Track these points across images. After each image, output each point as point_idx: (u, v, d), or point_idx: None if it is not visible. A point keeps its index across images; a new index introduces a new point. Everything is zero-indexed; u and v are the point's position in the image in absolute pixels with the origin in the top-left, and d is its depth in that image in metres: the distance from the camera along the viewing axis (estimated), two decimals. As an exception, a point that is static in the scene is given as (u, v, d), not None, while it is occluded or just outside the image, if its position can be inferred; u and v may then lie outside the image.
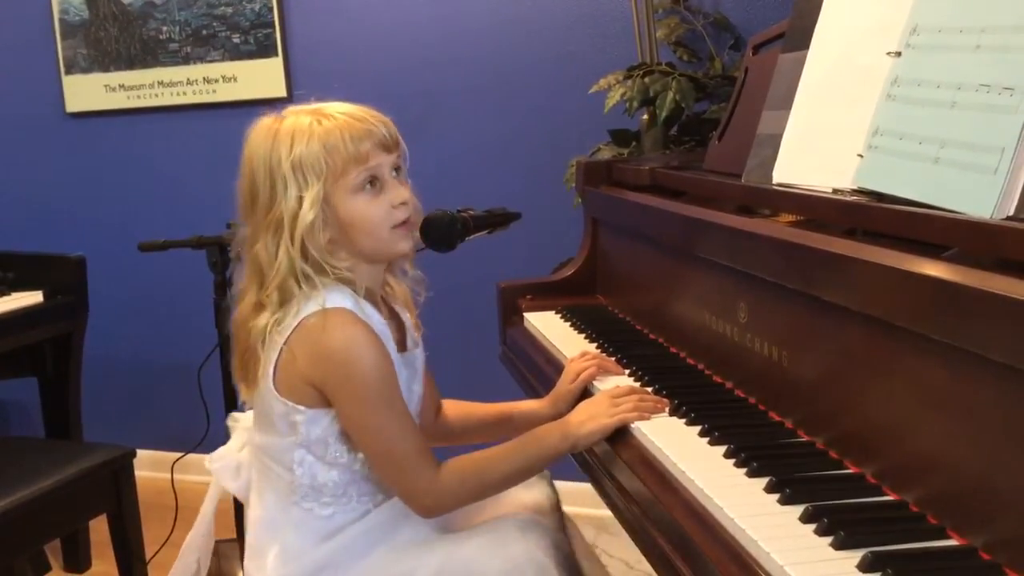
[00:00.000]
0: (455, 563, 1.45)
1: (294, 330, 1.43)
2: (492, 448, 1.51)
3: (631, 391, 1.52)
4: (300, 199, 1.42)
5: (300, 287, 1.44)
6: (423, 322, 1.64)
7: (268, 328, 1.45)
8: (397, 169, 1.50)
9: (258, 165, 1.45)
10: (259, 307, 1.46)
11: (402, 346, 1.55)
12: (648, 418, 1.45)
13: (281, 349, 1.44)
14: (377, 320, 1.48)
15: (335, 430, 1.46)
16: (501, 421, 1.73)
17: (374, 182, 1.47)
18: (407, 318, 1.60)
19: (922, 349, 1.07)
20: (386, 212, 1.47)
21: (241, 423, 1.64)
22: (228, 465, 1.62)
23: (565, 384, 1.68)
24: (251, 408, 1.56)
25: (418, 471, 1.45)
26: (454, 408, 1.75)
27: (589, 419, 1.48)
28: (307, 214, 1.42)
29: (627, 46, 2.78)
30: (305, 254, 1.44)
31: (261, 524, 1.52)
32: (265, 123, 1.49)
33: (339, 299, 1.44)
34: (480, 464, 1.49)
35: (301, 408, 1.45)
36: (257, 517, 1.54)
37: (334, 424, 1.46)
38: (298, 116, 1.47)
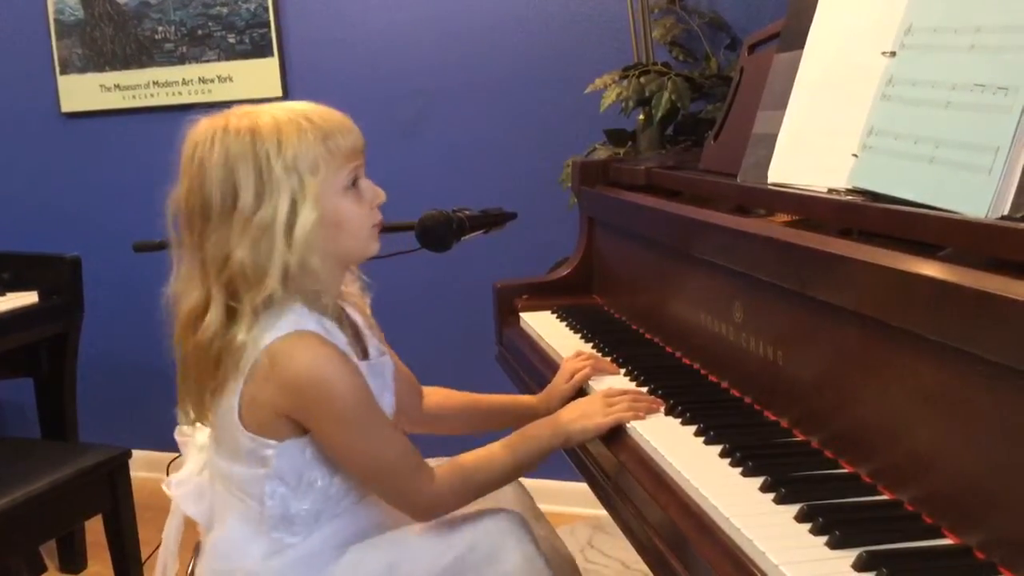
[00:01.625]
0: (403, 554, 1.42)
1: (256, 361, 1.34)
2: (483, 448, 1.49)
3: (626, 392, 1.52)
4: (294, 200, 1.34)
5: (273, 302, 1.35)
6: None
7: (246, 345, 1.34)
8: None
9: (237, 165, 1.36)
10: (231, 319, 1.35)
11: (364, 353, 1.49)
12: (643, 418, 1.45)
13: (244, 381, 1.35)
14: (340, 338, 1.41)
15: (307, 458, 1.39)
16: (492, 412, 1.72)
17: (355, 182, 1.41)
18: (361, 321, 1.53)
19: (917, 349, 1.07)
20: (368, 212, 1.43)
21: (194, 439, 1.55)
22: (190, 491, 1.52)
23: (560, 384, 1.68)
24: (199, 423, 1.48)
25: (410, 479, 1.41)
26: (437, 396, 1.71)
27: (582, 416, 1.47)
28: (310, 214, 1.34)
29: (623, 46, 2.79)
30: (304, 258, 1.35)
31: (223, 550, 1.45)
32: (230, 123, 1.39)
33: (301, 321, 1.36)
34: (472, 465, 1.46)
35: (271, 443, 1.37)
36: (219, 542, 1.46)
37: (305, 452, 1.39)
38: (273, 113, 1.38)
